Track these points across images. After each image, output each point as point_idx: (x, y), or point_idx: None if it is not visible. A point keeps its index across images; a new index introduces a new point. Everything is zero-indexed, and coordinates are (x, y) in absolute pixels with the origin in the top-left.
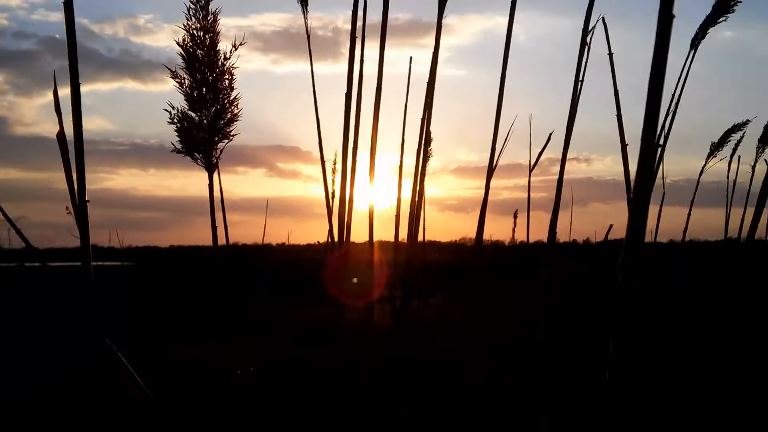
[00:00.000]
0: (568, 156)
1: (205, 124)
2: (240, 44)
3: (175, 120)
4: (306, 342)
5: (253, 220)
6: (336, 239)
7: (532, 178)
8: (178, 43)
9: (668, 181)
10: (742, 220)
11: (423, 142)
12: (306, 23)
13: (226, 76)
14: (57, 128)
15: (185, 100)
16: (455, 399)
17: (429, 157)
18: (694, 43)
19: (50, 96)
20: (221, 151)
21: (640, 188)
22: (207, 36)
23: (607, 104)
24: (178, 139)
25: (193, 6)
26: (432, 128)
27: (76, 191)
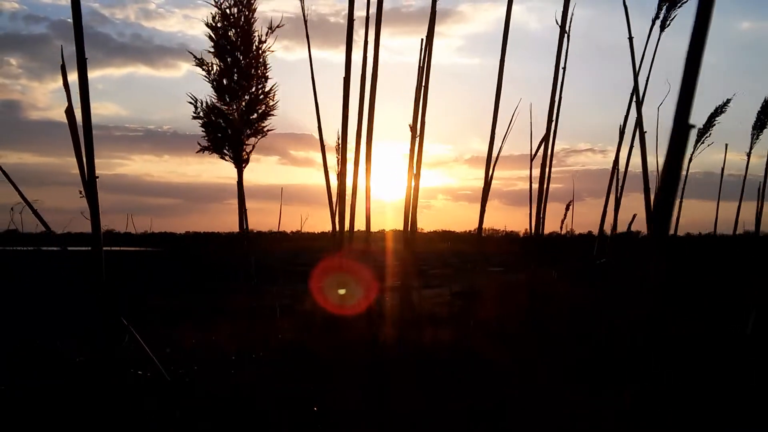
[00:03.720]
0: (583, 147)
1: (235, 117)
2: (277, 26)
3: (201, 114)
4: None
5: (266, 207)
6: (339, 229)
7: (545, 169)
8: (207, 24)
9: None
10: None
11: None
12: (304, 14)
13: (261, 62)
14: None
15: (213, 89)
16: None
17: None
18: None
19: (62, 80)
20: (253, 147)
21: (669, 174)
22: (242, 14)
23: (621, 96)
24: (204, 135)
25: None
26: (445, 118)
27: (85, 165)
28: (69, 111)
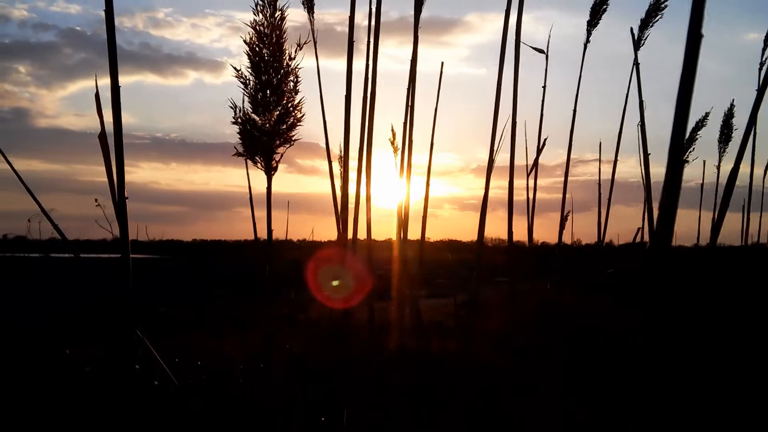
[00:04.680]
0: (590, 158)
1: (268, 127)
2: (305, 43)
3: (239, 121)
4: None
5: (272, 215)
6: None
7: (548, 180)
8: (245, 41)
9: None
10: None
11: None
12: (312, 27)
13: (291, 78)
14: (79, 121)
15: (249, 102)
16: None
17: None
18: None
19: (71, 88)
20: (281, 156)
21: (668, 195)
22: (273, 34)
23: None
24: (240, 141)
25: (261, 2)
26: (451, 127)
27: (116, 188)
28: (102, 137)
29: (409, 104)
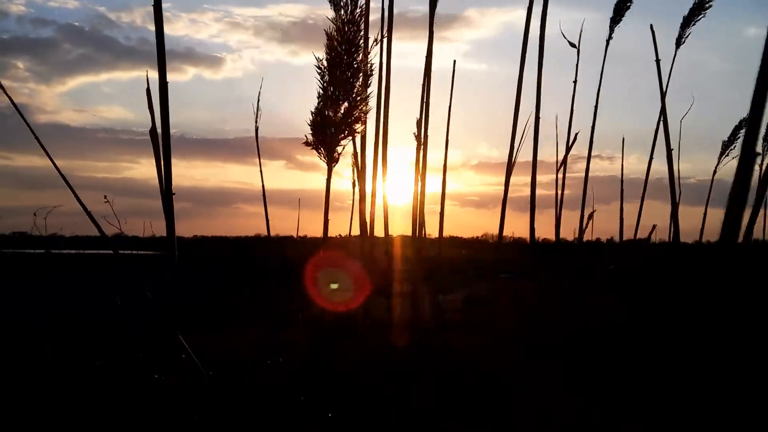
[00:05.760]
0: (594, 154)
1: (336, 120)
2: (382, 38)
3: (314, 118)
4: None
5: (273, 212)
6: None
7: (549, 176)
8: (328, 35)
9: (689, 182)
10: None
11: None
12: (386, 19)
13: (360, 74)
14: (78, 116)
15: (319, 99)
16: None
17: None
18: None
19: (70, 83)
20: (344, 147)
21: (737, 194)
22: (351, 30)
23: (629, 102)
24: (312, 133)
25: None
26: (452, 123)
27: (163, 183)
28: (153, 132)
29: (425, 100)
